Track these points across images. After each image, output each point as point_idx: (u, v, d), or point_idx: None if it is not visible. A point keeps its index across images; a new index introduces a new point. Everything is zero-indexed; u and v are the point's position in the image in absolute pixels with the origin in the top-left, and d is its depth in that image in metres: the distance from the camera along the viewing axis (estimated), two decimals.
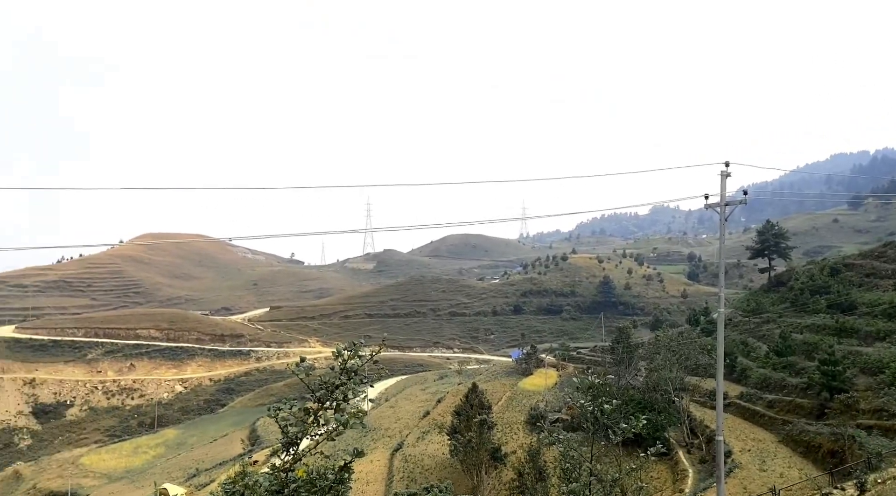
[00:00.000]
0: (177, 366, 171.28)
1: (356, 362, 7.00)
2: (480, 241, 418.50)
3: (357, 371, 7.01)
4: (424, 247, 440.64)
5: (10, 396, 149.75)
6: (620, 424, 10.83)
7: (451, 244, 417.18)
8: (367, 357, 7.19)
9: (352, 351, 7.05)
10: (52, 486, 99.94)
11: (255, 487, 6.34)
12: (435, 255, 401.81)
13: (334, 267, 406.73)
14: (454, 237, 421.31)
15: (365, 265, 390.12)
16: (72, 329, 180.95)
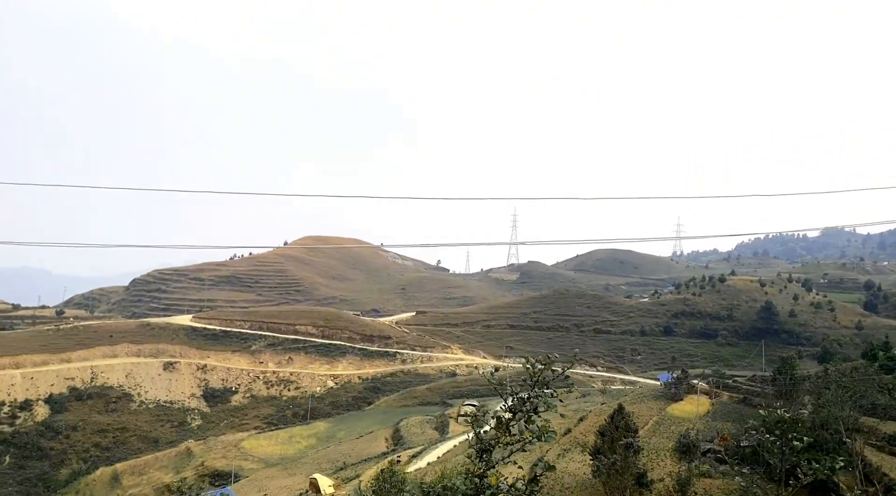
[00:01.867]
0: (329, 363, 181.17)
1: (547, 375, 7.05)
2: (629, 258, 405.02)
3: (548, 384, 7.06)
4: (570, 260, 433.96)
5: (185, 379, 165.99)
6: (812, 464, 10.03)
7: (597, 259, 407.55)
8: (558, 371, 7.22)
9: (545, 363, 7.12)
10: (218, 465, 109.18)
11: (452, 489, 6.58)
12: (580, 270, 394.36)
13: (478, 276, 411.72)
14: (601, 252, 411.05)
15: (508, 276, 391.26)
16: (239, 321, 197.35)
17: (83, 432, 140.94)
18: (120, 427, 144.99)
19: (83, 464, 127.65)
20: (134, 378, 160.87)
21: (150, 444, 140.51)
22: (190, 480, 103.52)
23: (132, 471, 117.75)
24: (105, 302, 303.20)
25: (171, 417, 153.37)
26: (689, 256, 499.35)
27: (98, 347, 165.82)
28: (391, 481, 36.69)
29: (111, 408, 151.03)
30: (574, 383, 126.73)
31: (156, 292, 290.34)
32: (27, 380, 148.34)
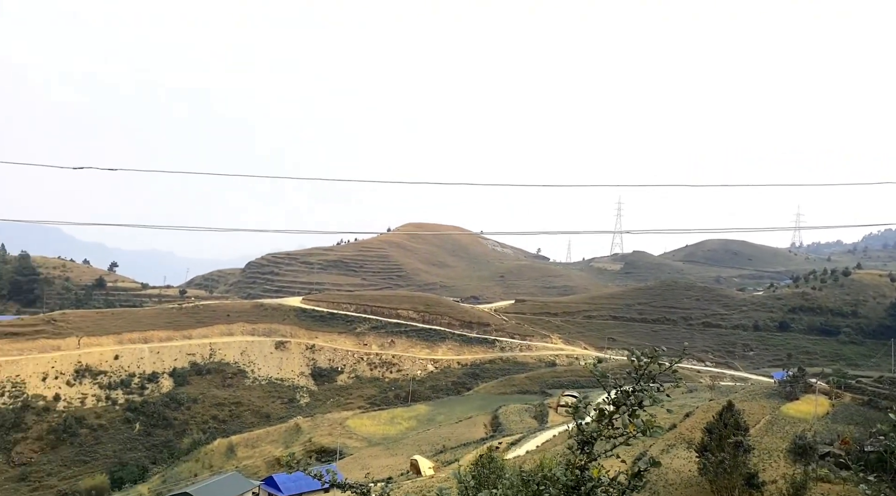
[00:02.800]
0: (429, 347, 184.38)
1: (654, 369, 6.85)
2: (743, 248, 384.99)
3: (654, 378, 6.86)
4: (678, 250, 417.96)
5: (295, 358, 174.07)
6: None
7: (708, 249, 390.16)
8: (665, 365, 6.99)
9: (652, 357, 6.91)
10: (324, 442, 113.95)
11: (552, 479, 6.55)
12: (689, 261, 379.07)
13: (579, 265, 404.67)
14: (712, 242, 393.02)
15: (611, 266, 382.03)
16: (345, 304, 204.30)
17: (202, 405, 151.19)
18: (235, 401, 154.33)
19: (202, 434, 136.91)
20: (248, 355, 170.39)
21: (262, 419, 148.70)
22: (298, 455, 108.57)
23: (246, 444, 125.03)
24: (223, 283, 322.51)
25: (281, 394, 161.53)
26: (809, 248, 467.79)
27: (216, 325, 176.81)
28: (490, 467, 36.99)
29: (227, 383, 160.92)
30: (681, 378, 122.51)
31: (269, 275, 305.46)
32: (154, 354, 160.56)
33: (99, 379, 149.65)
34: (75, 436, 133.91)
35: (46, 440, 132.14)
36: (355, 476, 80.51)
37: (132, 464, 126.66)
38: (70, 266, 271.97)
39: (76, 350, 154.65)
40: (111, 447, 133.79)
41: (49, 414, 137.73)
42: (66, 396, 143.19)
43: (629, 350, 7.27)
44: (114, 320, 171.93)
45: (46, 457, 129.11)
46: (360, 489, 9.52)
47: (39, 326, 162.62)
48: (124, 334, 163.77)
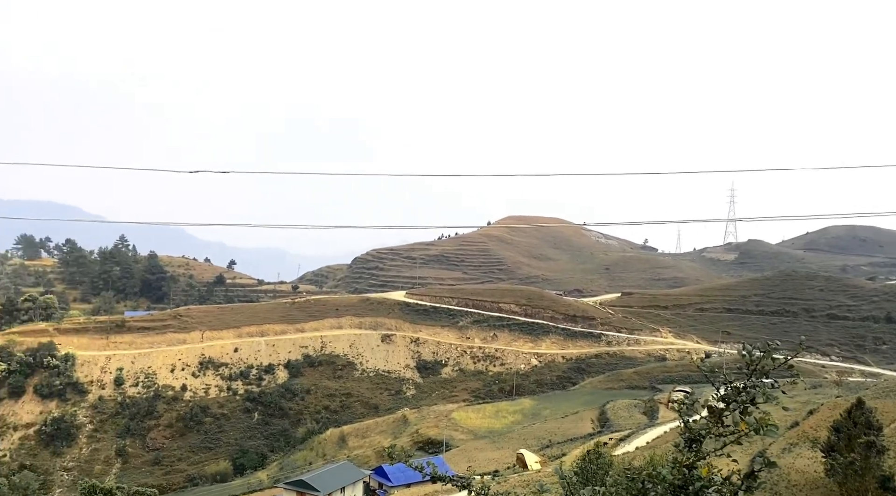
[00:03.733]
0: (533, 341, 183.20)
1: (767, 364, 6.43)
2: (872, 235, 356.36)
3: (768, 373, 6.44)
4: (797, 238, 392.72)
5: (401, 351, 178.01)
6: None
7: (832, 236, 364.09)
8: (780, 360, 6.54)
9: (765, 351, 6.49)
10: (431, 434, 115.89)
11: (658, 478, 6.27)
12: (811, 249, 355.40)
13: (690, 256, 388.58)
14: (837, 228, 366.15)
15: (725, 255, 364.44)
16: (447, 298, 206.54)
17: (315, 395, 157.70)
18: (346, 392, 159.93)
19: (315, 424, 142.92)
20: (356, 348, 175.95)
21: (370, 410, 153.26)
22: (406, 446, 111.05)
23: (356, 434, 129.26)
24: (331, 278, 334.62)
25: (388, 386, 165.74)
26: None
27: (326, 319, 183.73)
28: (597, 462, 36.27)
29: (338, 374, 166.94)
30: (800, 374, 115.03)
31: (374, 270, 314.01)
32: (270, 347, 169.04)
33: (221, 370, 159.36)
34: (201, 424, 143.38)
35: (176, 427, 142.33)
36: (461, 468, 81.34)
37: (252, 452, 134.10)
38: (193, 264, 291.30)
39: (200, 343, 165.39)
40: (233, 435, 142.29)
41: (177, 403, 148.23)
42: (191, 387, 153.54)
43: (741, 344, 6.89)
44: (233, 315, 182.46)
45: (176, 443, 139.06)
46: (459, 482, 9.54)
47: (167, 321, 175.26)
48: (243, 328, 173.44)
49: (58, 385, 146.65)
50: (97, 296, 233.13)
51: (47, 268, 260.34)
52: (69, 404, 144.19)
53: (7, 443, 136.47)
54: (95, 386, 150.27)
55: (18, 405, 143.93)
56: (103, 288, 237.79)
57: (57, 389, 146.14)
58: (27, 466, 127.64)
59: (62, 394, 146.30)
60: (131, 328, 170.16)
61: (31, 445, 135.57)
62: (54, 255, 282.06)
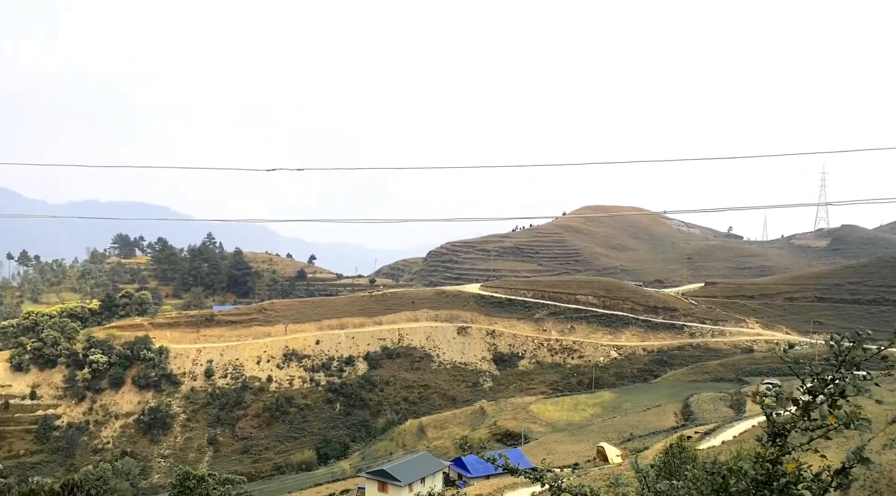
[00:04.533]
0: (612, 333, 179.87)
1: (858, 355, 6.05)
2: None
3: (859, 364, 6.06)
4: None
5: (476, 343, 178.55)
6: None
7: None
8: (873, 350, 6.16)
9: (855, 341, 6.11)
10: (509, 426, 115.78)
11: (739, 473, 6.02)
12: None
13: (778, 243, 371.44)
14: None
15: (816, 242, 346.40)
16: (523, 290, 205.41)
17: (394, 387, 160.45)
18: (423, 384, 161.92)
19: (395, 415, 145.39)
20: (433, 340, 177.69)
21: (448, 401, 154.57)
22: (484, 438, 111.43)
23: (435, 425, 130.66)
24: (407, 271, 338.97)
25: (465, 378, 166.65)
26: None
27: (403, 312, 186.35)
28: (681, 456, 35.24)
29: (415, 366, 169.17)
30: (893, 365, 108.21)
31: (448, 262, 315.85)
32: (350, 339, 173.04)
33: (303, 362, 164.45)
34: (286, 414, 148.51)
35: (262, 417, 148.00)
36: (539, 461, 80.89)
37: (335, 442, 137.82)
38: (275, 260, 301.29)
39: (283, 336, 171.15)
40: (316, 425, 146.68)
41: (263, 394, 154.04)
42: (276, 378, 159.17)
43: (830, 334, 6.53)
44: (314, 308, 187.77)
45: (263, 432, 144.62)
46: (532, 475, 9.46)
47: (253, 315, 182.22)
48: (323, 321, 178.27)
49: (153, 376, 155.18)
50: (187, 291, 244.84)
51: (141, 266, 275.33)
52: (164, 395, 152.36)
53: (109, 430, 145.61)
54: (188, 377, 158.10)
55: (119, 395, 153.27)
56: (193, 284, 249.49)
57: (153, 381, 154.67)
58: (128, 453, 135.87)
59: (157, 385, 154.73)
60: (219, 322, 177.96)
61: (131, 433, 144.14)
62: (147, 254, 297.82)
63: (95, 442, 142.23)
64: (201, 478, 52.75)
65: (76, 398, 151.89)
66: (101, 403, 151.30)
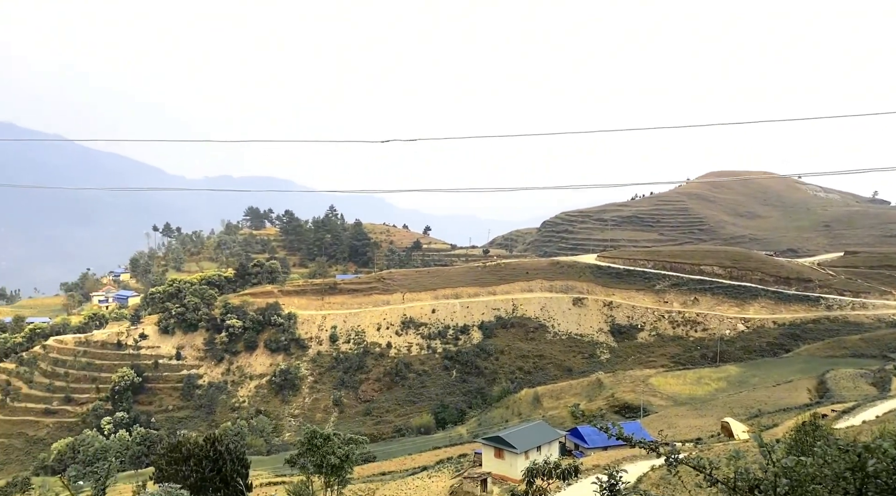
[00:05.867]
0: (738, 305, 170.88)
1: None
2: None
3: None
4: None
5: (593, 315, 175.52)
6: None
7: None
8: None
9: None
10: (627, 398, 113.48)
11: (879, 451, 5.45)
12: None
13: None
14: None
15: None
16: (642, 260, 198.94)
17: (508, 356, 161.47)
18: (538, 354, 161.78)
19: (510, 383, 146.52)
20: (547, 311, 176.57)
21: (563, 372, 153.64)
22: (601, 409, 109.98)
23: (550, 395, 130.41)
24: (521, 242, 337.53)
25: (581, 349, 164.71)
26: None
27: (517, 282, 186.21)
28: (814, 435, 33.02)
29: (530, 336, 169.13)
30: None
31: (563, 233, 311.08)
32: (464, 308, 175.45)
33: (420, 330, 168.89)
34: (405, 379, 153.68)
35: (383, 381, 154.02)
36: (657, 433, 78.78)
37: (452, 407, 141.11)
38: (393, 231, 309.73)
39: (401, 304, 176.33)
40: (433, 390, 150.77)
41: (384, 359, 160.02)
42: (395, 344, 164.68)
43: None
44: (430, 278, 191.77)
45: (384, 395, 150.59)
46: (649, 446, 9.12)
47: (372, 284, 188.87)
48: (439, 290, 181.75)
49: (283, 341, 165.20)
50: (312, 261, 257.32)
51: (270, 237, 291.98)
52: (293, 358, 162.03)
53: (245, 390, 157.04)
54: (314, 342, 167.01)
55: (253, 357, 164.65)
56: (317, 253, 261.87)
57: (283, 344, 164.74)
58: (261, 411, 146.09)
59: (287, 348, 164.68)
60: (342, 290, 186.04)
61: (264, 393, 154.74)
62: (276, 225, 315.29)
63: (233, 400, 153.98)
64: (327, 437, 55.70)
65: (215, 359, 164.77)
66: (237, 365, 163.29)
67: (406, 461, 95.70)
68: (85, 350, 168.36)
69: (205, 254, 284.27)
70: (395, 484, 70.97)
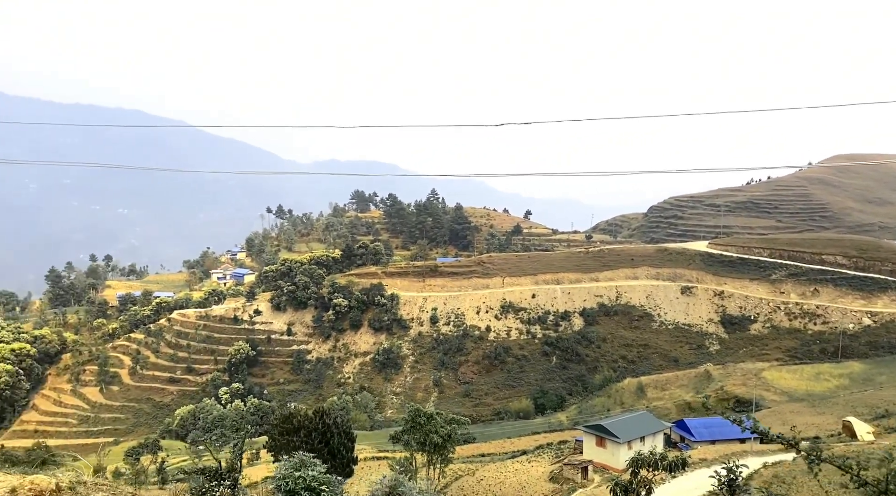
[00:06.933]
0: (865, 298, 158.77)
1: None
2: None
3: None
4: None
5: (702, 304, 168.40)
6: None
7: None
8: None
9: None
10: (737, 392, 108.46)
11: None
12: None
13: None
14: None
15: None
16: (757, 248, 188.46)
17: (611, 344, 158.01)
18: (643, 343, 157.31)
19: (612, 372, 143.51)
20: (653, 299, 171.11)
21: (669, 362, 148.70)
22: (710, 402, 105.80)
23: (655, 385, 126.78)
24: (626, 227, 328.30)
25: (689, 339, 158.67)
26: None
27: (621, 269, 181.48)
28: None
29: (634, 325, 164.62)
30: None
31: (672, 218, 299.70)
32: (565, 294, 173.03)
33: (520, 314, 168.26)
34: (504, 363, 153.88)
35: (482, 364, 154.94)
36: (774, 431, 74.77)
37: (551, 393, 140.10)
38: (493, 215, 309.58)
39: (501, 288, 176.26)
40: (532, 376, 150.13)
41: (483, 342, 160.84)
42: (494, 328, 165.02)
43: None
44: (530, 263, 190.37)
45: (482, 378, 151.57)
46: (786, 441, 8.55)
47: (472, 267, 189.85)
48: (539, 275, 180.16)
49: (386, 320, 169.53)
50: (414, 243, 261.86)
51: (374, 220, 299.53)
52: (395, 337, 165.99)
53: (350, 367, 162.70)
54: (415, 323, 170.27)
55: (357, 336, 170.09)
56: (418, 236, 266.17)
57: (385, 324, 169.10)
58: (365, 388, 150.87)
59: (389, 328, 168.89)
60: (442, 273, 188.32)
61: (368, 371, 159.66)
62: (380, 208, 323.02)
63: (338, 376, 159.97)
64: (430, 416, 56.73)
65: (323, 336, 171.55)
66: (342, 342, 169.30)
67: (505, 444, 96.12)
68: (205, 323, 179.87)
69: (314, 236, 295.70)
70: (495, 466, 71.42)
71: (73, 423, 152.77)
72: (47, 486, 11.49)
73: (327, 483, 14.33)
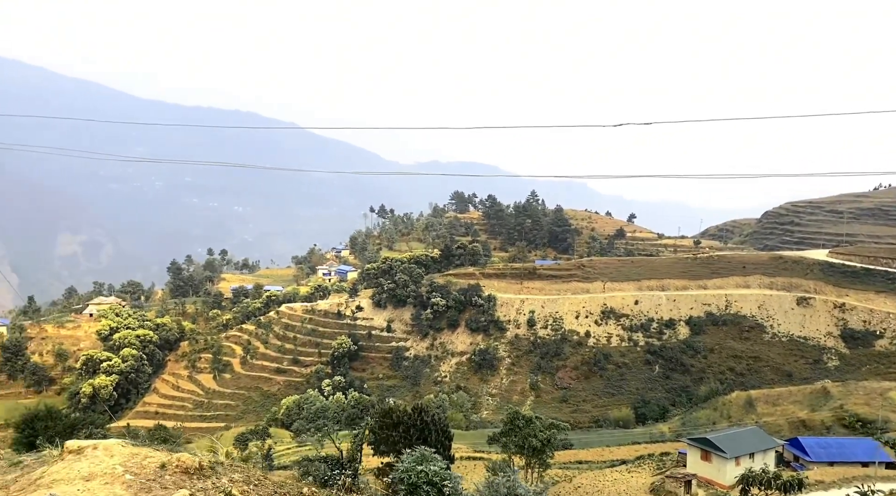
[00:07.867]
0: None
1: None
2: None
3: None
4: None
5: (820, 316, 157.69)
6: None
7: None
8: None
9: None
10: (860, 411, 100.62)
11: None
12: None
13: None
14: None
15: None
16: (886, 258, 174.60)
17: (719, 355, 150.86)
18: (753, 355, 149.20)
19: (719, 384, 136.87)
20: (766, 309, 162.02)
21: (782, 377, 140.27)
22: (827, 421, 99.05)
23: (765, 400, 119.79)
24: (737, 233, 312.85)
25: (804, 353, 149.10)
26: None
27: (731, 277, 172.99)
28: None
29: (744, 336, 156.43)
30: None
31: (788, 225, 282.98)
32: (670, 301, 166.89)
33: (622, 321, 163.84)
34: (603, 369, 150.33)
35: (581, 370, 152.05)
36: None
37: (653, 403, 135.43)
38: (594, 218, 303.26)
39: (601, 293, 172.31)
40: (633, 384, 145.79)
41: (582, 348, 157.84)
42: (594, 334, 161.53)
43: None
44: (633, 268, 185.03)
45: (581, 384, 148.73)
46: None
47: (572, 271, 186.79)
48: (643, 281, 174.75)
49: (483, 321, 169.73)
50: (512, 245, 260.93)
51: (473, 221, 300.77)
52: (492, 339, 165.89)
53: (447, 365, 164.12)
54: (512, 325, 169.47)
55: (454, 335, 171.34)
56: (517, 238, 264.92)
57: (482, 325, 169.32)
58: (462, 387, 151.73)
59: (486, 329, 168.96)
60: (541, 275, 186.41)
61: (464, 370, 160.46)
62: (479, 209, 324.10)
63: (435, 374, 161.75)
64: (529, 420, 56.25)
65: (421, 334, 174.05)
66: (440, 341, 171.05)
67: (604, 452, 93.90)
68: (310, 317, 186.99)
69: (414, 235, 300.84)
70: (593, 474, 69.91)
71: (188, 407, 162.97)
72: (192, 464, 12.30)
73: (448, 478, 14.49)
